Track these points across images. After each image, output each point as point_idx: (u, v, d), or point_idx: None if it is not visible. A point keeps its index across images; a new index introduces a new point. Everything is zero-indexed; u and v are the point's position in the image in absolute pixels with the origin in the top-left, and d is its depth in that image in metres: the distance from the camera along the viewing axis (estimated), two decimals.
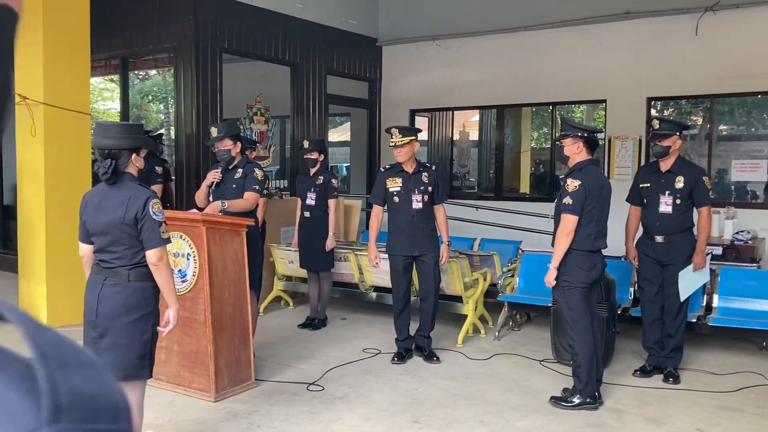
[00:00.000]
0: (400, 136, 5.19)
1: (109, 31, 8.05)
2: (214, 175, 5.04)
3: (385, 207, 5.41)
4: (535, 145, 11.68)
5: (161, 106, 20.07)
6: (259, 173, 5.01)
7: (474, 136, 12.06)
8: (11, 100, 0.43)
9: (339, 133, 14.41)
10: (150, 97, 19.57)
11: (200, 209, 4.98)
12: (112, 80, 15.56)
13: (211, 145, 5.20)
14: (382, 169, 5.49)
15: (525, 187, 10.78)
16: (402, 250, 5.27)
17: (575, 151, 4.38)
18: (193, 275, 4.45)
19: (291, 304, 7.23)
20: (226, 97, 7.83)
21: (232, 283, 4.59)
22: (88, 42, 6.50)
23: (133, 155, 3.35)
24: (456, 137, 10.96)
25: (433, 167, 5.53)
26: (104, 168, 3.25)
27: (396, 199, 5.27)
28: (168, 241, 3.39)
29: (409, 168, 5.27)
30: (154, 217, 3.28)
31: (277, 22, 8.29)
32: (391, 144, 5.26)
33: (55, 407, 0.31)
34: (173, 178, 7.76)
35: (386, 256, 5.46)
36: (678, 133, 4.91)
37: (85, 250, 3.38)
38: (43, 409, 0.31)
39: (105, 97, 18.55)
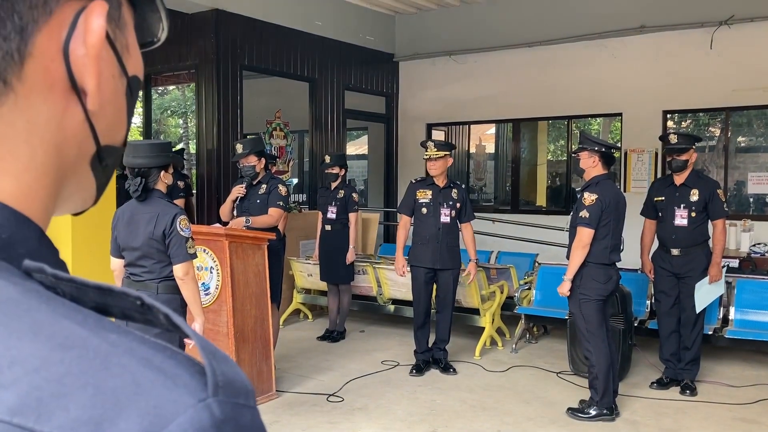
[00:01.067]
0: (436, 149, 5.30)
1: None
2: (238, 191, 5.17)
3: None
4: (552, 158, 11.72)
5: (180, 120, 20.37)
6: (283, 189, 5.14)
7: (490, 149, 12.14)
8: None
9: (356, 147, 14.55)
10: (169, 112, 19.88)
11: (224, 224, 5.11)
12: None
13: (237, 161, 5.34)
14: (413, 181, 5.58)
15: (542, 200, 10.82)
16: (425, 262, 5.35)
17: (591, 165, 4.46)
18: (216, 288, 4.57)
19: (310, 316, 7.33)
20: (246, 112, 7.98)
21: (254, 296, 4.71)
22: None
23: (162, 172, 3.50)
24: (472, 150, 11.05)
25: (463, 185, 5.63)
26: (135, 186, 3.40)
27: (424, 210, 5.37)
28: (194, 256, 3.53)
29: (440, 182, 5.37)
30: (181, 233, 3.42)
31: (295, 39, 8.46)
32: (425, 157, 5.36)
33: (215, 384, 0.42)
34: (194, 192, 7.92)
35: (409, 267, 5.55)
36: (693, 147, 4.97)
37: (117, 264, 3.52)
38: (209, 385, 0.42)
39: None
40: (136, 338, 0.44)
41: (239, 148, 5.21)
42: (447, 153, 5.32)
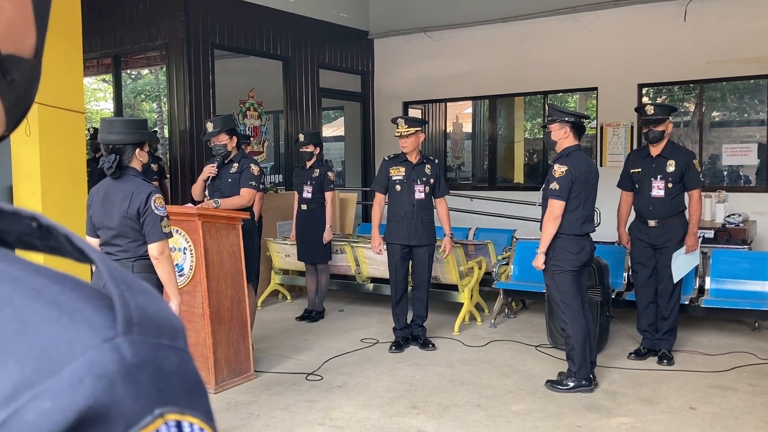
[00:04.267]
0: (406, 126, 5.24)
1: (100, 29, 8.06)
2: (209, 170, 5.08)
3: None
4: (529, 136, 11.71)
5: (154, 105, 20.07)
6: (255, 169, 5.04)
7: (467, 128, 12.10)
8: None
9: (333, 128, 14.43)
10: (143, 96, 19.57)
11: (196, 203, 5.02)
12: (104, 80, 15.55)
13: (207, 140, 5.24)
14: (386, 158, 5.52)
15: (519, 177, 10.83)
16: (400, 239, 5.31)
17: (562, 136, 4.44)
18: (191, 269, 4.50)
19: (288, 297, 7.28)
20: (218, 93, 7.85)
21: (229, 276, 4.64)
22: (80, 40, 6.51)
23: (137, 150, 3.43)
24: (449, 129, 11.00)
25: (436, 161, 5.59)
26: (109, 163, 3.33)
27: (398, 187, 5.32)
28: (170, 235, 3.47)
29: (413, 158, 5.32)
30: (156, 211, 3.35)
31: (267, 17, 8.32)
32: (397, 134, 5.30)
33: (127, 320, 0.35)
34: (168, 176, 7.80)
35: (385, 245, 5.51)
36: (669, 117, 4.97)
37: (92, 243, 3.44)
38: (118, 322, 0.35)
39: (98, 98, 18.53)
40: (26, 267, 0.37)
41: (209, 126, 5.12)
42: (418, 129, 5.27)
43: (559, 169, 4.36)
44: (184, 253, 4.53)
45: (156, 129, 12.92)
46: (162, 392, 0.35)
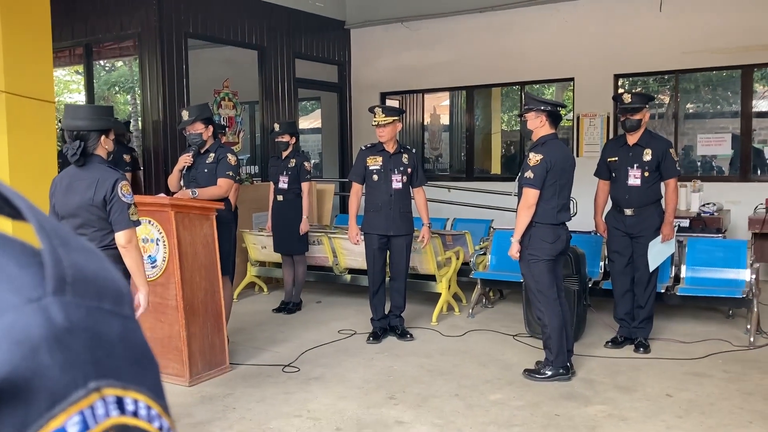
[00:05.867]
0: (384, 115, 5.18)
1: (71, 18, 7.89)
2: (185, 160, 4.97)
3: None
4: (506, 128, 11.72)
5: (128, 97, 19.78)
6: (232, 158, 4.94)
7: (445, 120, 12.07)
8: None
9: (310, 120, 14.32)
10: (117, 88, 19.28)
11: (172, 194, 4.92)
12: (77, 72, 15.29)
13: (183, 129, 5.14)
14: (363, 147, 5.46)
15: (496, 168, 10.84)
16: (378, 229, 5.27)
17: (538, 125, 4.42)
18: (164, 260, 4.41)
19: (265, 289, 7.21)
20: (192, 83, 7.73)
21: (203, 268, 4.57)
22: (49, 27, 6.36)
23: (102, 137, 3.34)
24: (427, 121, 10.96)
25: (413, 150, 5.55)
26: (73, 149, 3.23)
27: (375, 177, 5.27)
28: (137, 223, 3.38)
29: (390, 148, 5.27)
30: (123, 199, 3.27)
31: (242, 6, 8.21)
32: (374, 123, 5.25)
33: (59, 279, 0.30)
34: (141, 167, 7.67)
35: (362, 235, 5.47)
36: (647, 106, 4.97)
37: None
38: (48, 280, 0.30)
39: (71, 89, 18.23)
40: None
41: (185, 115, 5.01)
42: (395, 118, 5.23)
43: (534, 158, 4.35)
44: (157, 244, 4.44)
45: (130, 121, 12.75)
46: (99, 363, 0.30)
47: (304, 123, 13.43)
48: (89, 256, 0.33)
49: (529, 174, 4.32)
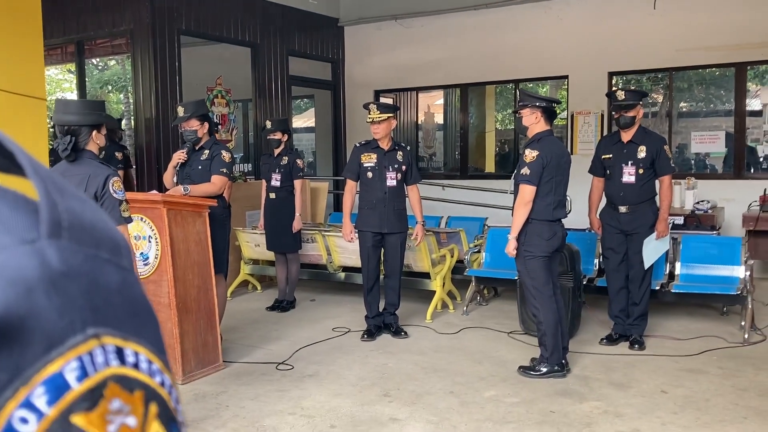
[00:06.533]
0: (378, 112, 5.16)
1: (63, 15, 7.84)
2: (179, 156, 4.93)
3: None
4: (500, 127, 11.72)
5: (121, 95, 19.69)
6: (226, 155, 4.90)
7: (439, 119, 12.05)
8: None
9: (304, 119, 14.28)
10: (109, 87, 19.19)
11: (167, 191, 4.88)
12: (69, 70, 15.21)
13: (178, 125, 5.10)
14: (357, 144, 5.43)
15: (490, 166, 10.83)
16: (372, 227, 5.24)
17: (533, 122, 4.40)
18: (156, 258, 4.38)
19: (258, 287, 7.18)
20: (185, 81, 7.69)
21: (196, 265, 4.53)
22: (40, 23, 6.31)
23: (94, 132, 3.30)
24: (421, 120, 10.94)
25: (408, 147, 5.52)
26: (64, 145, 3.20)
27: (369, 174, 5.24)
28: (129, 220, 3.35)
29: (385, 145, 5.24)
30: (114, 195, 3.23)
31: (235, 3, 8.17)
32: (369, 120, 5.22)
33: (54, 222, 0.29)
34: (133, 165, 7.62)
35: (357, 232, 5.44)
36: (640, 102, 4.96)
37: None
38: (43, 223, 0.28)
39: (63, 88, 18.15)
40: None
41: (180, 111, 4.96)
42: (390, 115, 5.20)
43: (530, 154, 4.33)
44: (149, 242, 4.41)
45: (123, 119, 12.70)
46: (98, 311, 0.29)
47: (298, 122, 13.39)
48: (85, 206, 0.32)
49: (525, 170, 4.30)
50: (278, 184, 6.16)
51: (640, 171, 4.94)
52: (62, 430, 0.26)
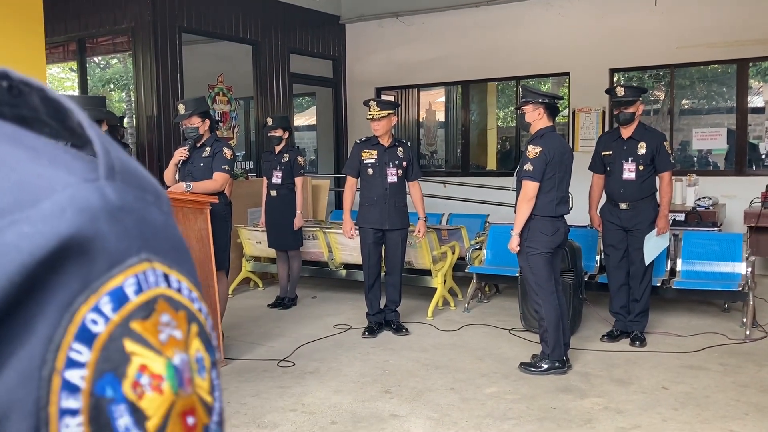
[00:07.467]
0: (378, 109, 5.16)
1: (64, 13, 7.85)
2: (181, 153, 4.93)
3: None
4: (502, 124, 11.70)
5: (123, 94, 19.69)
6: (228, 152, 4.90)
7: (440, 116, 12.04)
8: None
9: (305, 117, 14.28)
10: (111, 86, 19.20)
11: (168, 188, 4.89)
12: (71, 69, 15.22)
13: (179, 123, 5.09)
14: (358, 141, 5.43)
15: (492, 164, 10.82)
16: (373, 223, 5.24)
17: (536, 118, 4.40)
18: None
19: (260, 285, 7.19)
20: (187, 79, 7.69)
21: (197, 262, 4.53)
22: (41, 21, 6.32)
23: None
24: (423, 117, 10.94)
25: (408, 143, 5.52)
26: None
27: (370, 171, 5.24)
28: None
29: (385, 141, 5.24)
30: None
31: (236, 0, 8.17)
32: (369, 117, 5.22)
33: (109, 167, 0.33)
34: None
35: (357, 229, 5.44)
36: (640, 98, 4.96)
37: None
38: (101, 167, 0.33)
39: (66, 87, 18.17)
40: None
41: (181, 108, 4.96)
42: (390, 112, 5.20)
43: (533, 150, 4.33)
44: None
45: (125, 117, 12.71)
46: (148, 241, 0.33)
47: (299, 120, 13.39)
48: (131, 160, 0.37)
49: (528, 166, 4.30)
50: (279, 181, 6.17)
51: (641, 167, 4.94)
52: (124, 333, 0.31)
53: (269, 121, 6.27)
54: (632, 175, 4.95)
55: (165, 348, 0.32)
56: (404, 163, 5.27)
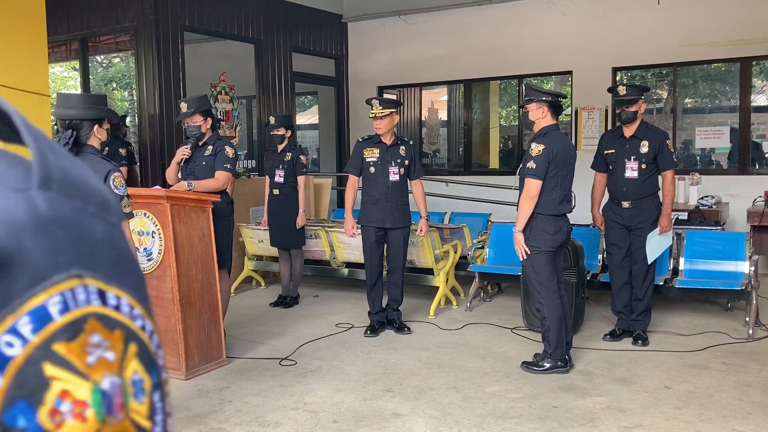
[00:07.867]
0: (380, 107, 5.15)
1: (66, 12, 7.85)
2: (183, 152, 4.93)
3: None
4: (504, 123, 11.68)
5: (125, 93, 19.70)
6: (230, 151, 4.90)
7: (443, 115, 12.02)
8: None
9: (307, 117, 14.27)
10: (114, 85, 19.20)
11: (170, 187, 4.89)
12: (74, 68, 15.23)
13: (181, 121, 5.09)
14: (360, 139, 5.43)
15: (494, 163, 10.80)
16: (375, 222, 5.24)
17: (540, 116, 4.40)
18: (159, 253, 4.39)
19: (262, 284, 7.19)
20: (189, 78, 7.69)
21: (199, 260, 4.54)
22: (43, 20, 6.32)
23: (96, 127, 3.29)
24: (425, 116, 10.92)
25: (411, 142, 5.51)
26: (65, 139, 3.19)
27: (372, 169, 5.23)
28: (130, 215, 3.35)
29: (387, 140, 5.24)
30: (115, 191, 3.22)
31: None
32: (371, 115, 5.22)
33: (45, 176, 0.31)
34: (137, 162, 7.63)
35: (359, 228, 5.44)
36: (642, 97, 4.95)
37: None
38: (34, 175, 0.31)
39: (69, 86, 18.19)
40: None
41: (183, 106, 4.95)
42: (393, 110, 5.19)
43: (536, 148, 4.32)
44: (153, 237, 4.42)
45: (128, 116, 12.73)
46: (82, 256, 0.31)
47: (301, 119, 13.39)
48: (76, 165, 0.35)
49: (531, 164, 4.30)
50: (282, 180, 6.17)
51: (643, 166, 4.93)
52: (44, 356, 0.29)
53: (271, 119, 6.27)
54: (635, 174, 4.94)
55: (92, 371, 0.30)
56: (406, 162, 5.26)
